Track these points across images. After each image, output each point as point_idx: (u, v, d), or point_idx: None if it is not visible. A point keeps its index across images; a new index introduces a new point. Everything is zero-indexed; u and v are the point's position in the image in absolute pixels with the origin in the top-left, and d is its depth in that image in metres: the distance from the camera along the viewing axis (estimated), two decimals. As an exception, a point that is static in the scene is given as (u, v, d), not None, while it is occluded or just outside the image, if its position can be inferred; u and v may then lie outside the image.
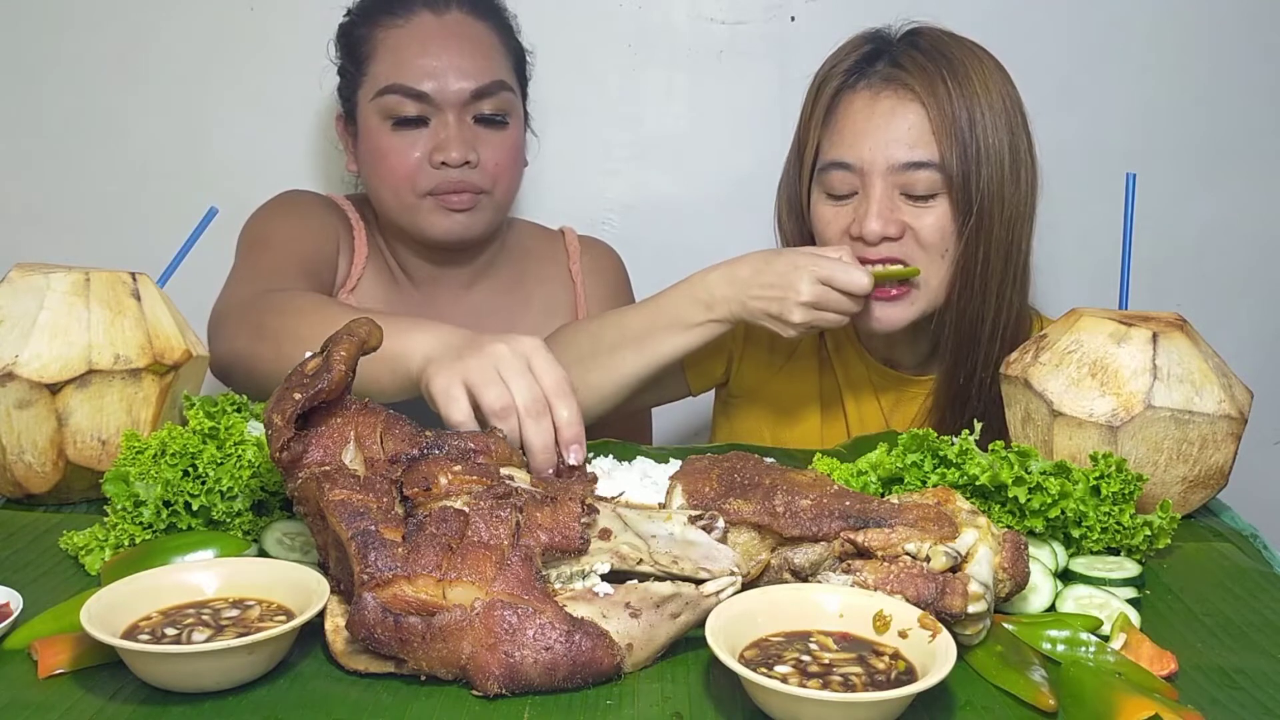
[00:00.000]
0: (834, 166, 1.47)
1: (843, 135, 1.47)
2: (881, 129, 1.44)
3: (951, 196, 1.44)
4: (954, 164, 1.42)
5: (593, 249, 1.88)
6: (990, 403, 1.47)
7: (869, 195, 1.45)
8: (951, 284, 1.47)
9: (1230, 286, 2.08)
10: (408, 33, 1.63)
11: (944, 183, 1.43)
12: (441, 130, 1.62)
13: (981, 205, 1.42)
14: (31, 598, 0.98)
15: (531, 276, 1.84)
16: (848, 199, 1.48)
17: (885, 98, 1.46)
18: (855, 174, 1.46)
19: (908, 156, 1.43)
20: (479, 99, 1.62)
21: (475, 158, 1.62)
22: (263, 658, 0.87)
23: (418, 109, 1.61)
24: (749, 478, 1.04)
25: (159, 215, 1.91)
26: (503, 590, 0.88)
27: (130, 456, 1.11)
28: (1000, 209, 1.43)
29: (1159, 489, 1.20)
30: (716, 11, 1.96)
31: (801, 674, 0.84)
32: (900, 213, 1.45)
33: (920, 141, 1.43)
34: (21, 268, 1.26)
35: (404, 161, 1.62)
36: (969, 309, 1.48)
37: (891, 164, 1.44)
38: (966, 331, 1.49)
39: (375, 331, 1.04)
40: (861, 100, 1.47)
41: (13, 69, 1.97)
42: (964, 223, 1.44)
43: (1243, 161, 2.02)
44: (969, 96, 1.42)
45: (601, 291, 1.85)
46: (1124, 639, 0.95)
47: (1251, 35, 1.98)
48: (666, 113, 2.00)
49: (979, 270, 1.45)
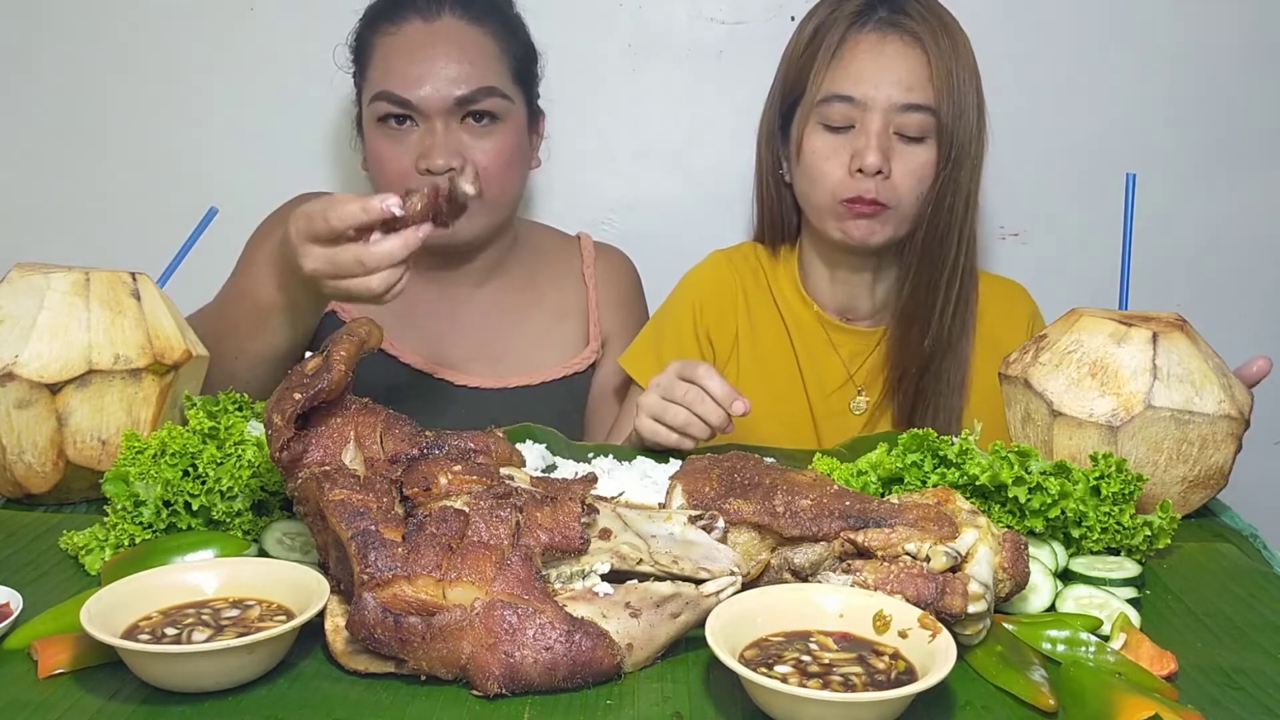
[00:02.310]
0: (836, 99, 1.57)
1: (848, 71, 1.56)
2: (886, 70, 1.55)
3: (939, 139, 1.56)
4: (944, 110, 1.54)
5: (608, 255, 1.89)
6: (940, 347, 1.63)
7: (867, 129, 1.55)
8: (919, 219, 1.59)
9: (1230, 286, 2.08)
10: (398, 40, 1.65)
11: (933, 126, 1.56)
12: (428, 137, 1.63)
13: (958, 152, 1.56)
14: (31, 598, 0.98)
15: (544, 277, 1.84)
16: (843, 131, 1.57)
17: (892, 41, 1.56)
18: (856, 108, 1.56)
19: (906, 98, 1.54)
20: (465, 105, 1.63)
21: (461, 162, 1.62)
22: (263, 658, 0.87)
23: (404, 114, 1.63)
24: (749, 478, 1.04)
25: (159, 215, 1.91)
26: (503, 590, 0.88)
27: (130, 456, 1.11)
28: (968, 158, 1.57)
29: (1159, 489, 1.20)
30: (716, 11, 1.96)
31: (801, 674, 0.84)
32: (893, 150, 1.56)
33: (918, 86, 1.55)
34: (21, 268, 1.26)
35: (396, 166, 1.64)
36: (934, 243, 1.60)
37: (892, 103, 1.54)
38: (928, 266, 1.61)
39: (375, 331, 1.04)
40: (869, 41, 1.57)
41: (13, 69, 1.97)
42: (941, 166, 1.57)
43: (1243, 161, 2.02)
44: (958, 55, 1.56)
45: (614, 297, 1.85)
46: (1124, 639, 0.95)
47: (1251, 35, 1.98)
48: (666, 113, 2.00)
49: (946, 207, 1.58)
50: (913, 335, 1.64)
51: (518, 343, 1.79)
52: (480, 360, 1.77)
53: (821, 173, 1.58)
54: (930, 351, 1.63)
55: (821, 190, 1.59)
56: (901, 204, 1.57)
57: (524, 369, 1.78)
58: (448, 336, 1.77)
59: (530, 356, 1.79)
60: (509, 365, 1.78)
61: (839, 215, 1.58)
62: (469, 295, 1.79)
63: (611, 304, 1.85)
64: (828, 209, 1.59)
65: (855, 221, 1.58)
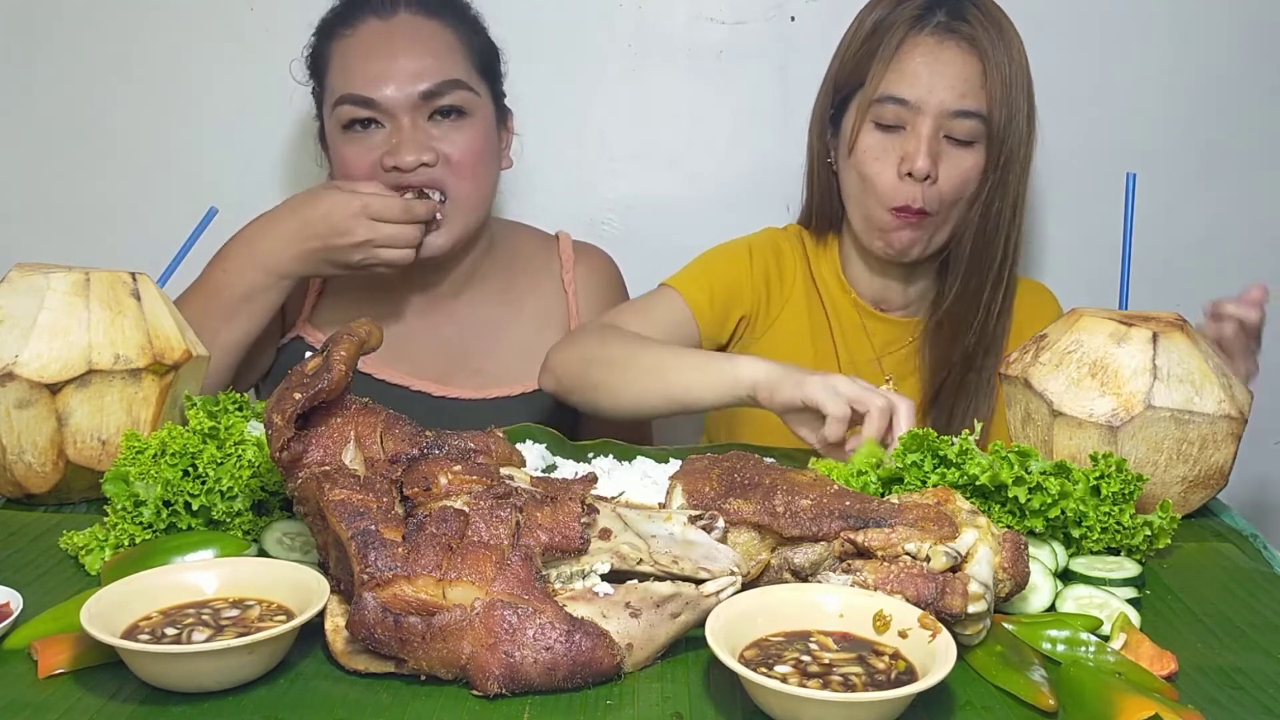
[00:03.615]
0: (890, 100, 1.58)
1: (904, 74, 1.57)
2: (942, 75, 1.56)
3: (989, 146, 1.58)
4: (996, 117, 1.56)
5: (588, 257, 1.85)
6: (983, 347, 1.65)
7: (918, 133, 1.56)
8: (961, 224, 1.62)
9: (1230, 286, 2.07)
10: (355, 41, 1.62)
11: (983, 132, 1.57)
12: (395, 135, 1.59)
13: (1007, 158, 1.57)
14: (31, 598, 0.98)
15: (522, 285, 1.80)
16: (894, 130, 1.59)
17: (949, 46, 1.57)
18: (909, 110, 1.57)
19: (959, 104, 1.56)
20: (430, 99, 1.59)
21: (432, 157, 1.59)
22: (263, 658, 0.87)
23: (369, 115, 1.59)
24: (749, 477, 1.04)
25: (159, 215, 1.91)
26: (503, 590, 0.88)
27: (130, 456, 1.11)
28: (1016, 163, 1.59)
29: (1159, 489, 1.20)
30: (716, 11, 1.96)
31: (801, 674, 0.84)
32: (941, 154, 1.58)
33: (971, 92, 1.56)
34: (21, 268, 1.26)
35: (360, 169, 1.60)
36: (981, 247, 1.62)
37: (945, 109, 1.56)
38: (975, 269, 1.63)
39: (375, 332, 1.04)
40: (927, 45, 1.58)
41: (13, 69, 1.97)
42: (990, 171, 1.58)
43: (1243, 161, 2.02)
44: (1012, 61, 1.57)
45: (595, 301, 1.82)
46: (1124, 639, 0.95)
47: (1251, 35, 1.98)
48: (666, 113, 2.00)
49: (994, 212, 1.60)
50: (958, 335, 1.66)
51: (497, 355, 1.77)
52: (461, 373, 1.75)
53: (873, 172, 1.60)
54: (972, 351, 1.66)
55: (871, 196, 1.60)
56: (944, 209, 1.59)
57: (504, 380, 1.75)
58: (426, 351, 1.74)
59: (510, 367, 1.75)
60: (488, 377, 1.75)
61: (884, 226, 1.60)
62: (447, 307, 1.76)
63: (594, 309, 1.81)
64: (874, 218, 1.61)
65: (899, 233, 1.60)
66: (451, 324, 1.76)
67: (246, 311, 1.58)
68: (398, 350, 1.72)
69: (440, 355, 1.75)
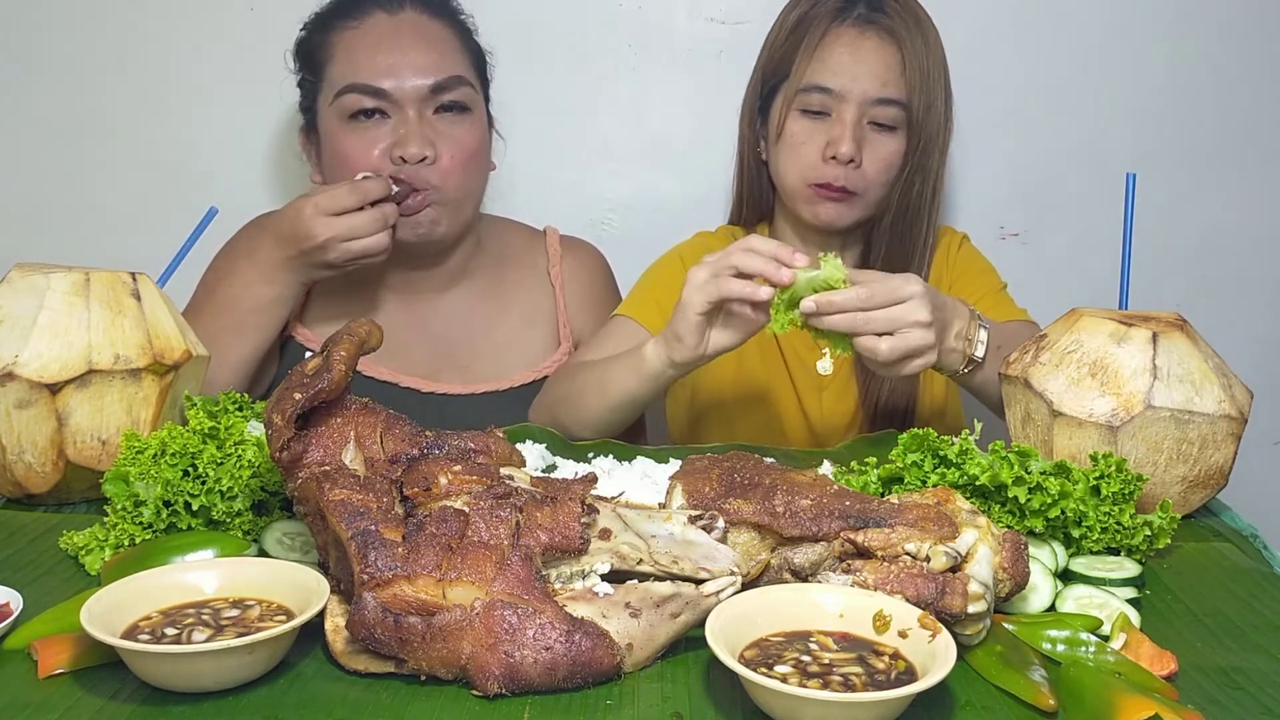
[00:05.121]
0: (816, 89, 1.65)
1: (827, 64, 1.65)
2: (863, 64, 1.64)
3: (909, 131, 1.65)
4: (915, 104, 1.64)
5: (575, 252, 1.85)
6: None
7: (843, 119, 1.64)
8: (884, 203, 1.70)
9: (1230, 286, 2.08)
10: (362, 33, 1.63)
11: (904, 118, 1.65)
12: (401, 126, 1.60)
13: (926, 142, 1.66)
14: (31, 598, 0.98)
15: (510, 281, 1.81)
16: (819, 116, 1.66)
17: (869, 37, 1.65)
18: (834, 98, 1.64)
19: (881, 92, 1.64)
20: (438, 93, 1.62)
21: (432, 154, 1.60)
22: (263, 658, 0.87)
23: (376, 105, 1.60)
24: (749, 478, 1.04)
25: (159, 215, 1.91)
26: (503, 590, 0.88)
27: (130, 456, 1.11)
28: (935, 147, 1.67)
29: (1159, 489, 1.20)
30: (716, 11, 1.97)
31: (801, 674, 0.84)
32: (865, 139, 1.65)
33: (892, 81, 1.64)
34: (21, 268, 1.26)
35: (364, 159, 1.60)
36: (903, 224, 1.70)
37: (867, 97, 1.63)
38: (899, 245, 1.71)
39: (375, 332, 1.04)
40: (849, 36, 1.66)
41: (13, 69, 1.97)
42: (910, 154, 1.67)
43: (1243, 161, 2.02)
44: (929, 50, 1.65)
45: (583, 297, 1.83)
46: (1124, 639, 0.95)
47: (1252, 35, 1.98)
48: (666, 113, 2.00)
49: (915, 192, 1.68)
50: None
51: (485, 350, 1.77)
52: (449, 369, 1.75)
53: (797, 154, 1.67)
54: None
55: (794, 171, 1.68)
56: (869, 190, 1.67)
57: (492, 375, 1.76)
58: (414, 346, 1.75)
59: (498, 362, 1.77)
60: (476, 373, 1.76)
61: (808, 198, 1.68)
62: (435, 303, 1.76)
63: (581, 304, 1.82)
64: (798, 191, 1.68)
65: (824, 205, 1.67)
66: (440, 320, 1.76)
67: (255, 324, 1.60)
68: (386, 347, 1.68)
69: (429, 351, 1.75)
